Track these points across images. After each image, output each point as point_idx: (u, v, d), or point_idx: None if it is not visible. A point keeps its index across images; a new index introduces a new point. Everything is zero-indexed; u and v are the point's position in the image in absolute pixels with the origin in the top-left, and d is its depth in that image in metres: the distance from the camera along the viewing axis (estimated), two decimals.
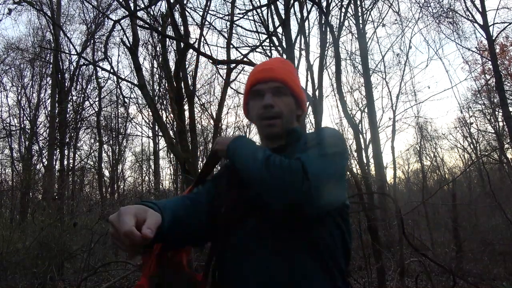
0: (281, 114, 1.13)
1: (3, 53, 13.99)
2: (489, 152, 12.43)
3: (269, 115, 1.12)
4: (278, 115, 1.12)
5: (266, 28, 6.49)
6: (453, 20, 10.70)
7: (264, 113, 1.12)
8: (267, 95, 1.13)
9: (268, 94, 1.13)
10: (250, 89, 1.20)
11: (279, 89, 1.14)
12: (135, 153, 18.92)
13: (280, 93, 1.14)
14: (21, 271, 5.58)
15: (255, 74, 1.20)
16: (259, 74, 1.18)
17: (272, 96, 1.13)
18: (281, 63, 1.24)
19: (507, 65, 14.79)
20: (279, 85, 1.15)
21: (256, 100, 1.16)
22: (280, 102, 1.13)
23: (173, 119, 8.98)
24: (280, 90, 1.14)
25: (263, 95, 1.14)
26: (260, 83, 1.16)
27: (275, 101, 1.12)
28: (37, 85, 14.05)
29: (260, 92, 1.15)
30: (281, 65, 1.21)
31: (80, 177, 14.56)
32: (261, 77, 1.17)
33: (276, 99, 1.13)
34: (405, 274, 4.30)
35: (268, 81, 1.15)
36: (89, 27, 12.99)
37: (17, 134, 13.66)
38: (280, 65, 1.21)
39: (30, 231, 6.16)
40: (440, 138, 16.30)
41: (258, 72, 1.19)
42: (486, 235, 7.20)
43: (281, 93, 1.14)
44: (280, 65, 1.22)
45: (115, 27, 7.39)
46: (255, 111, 1.16)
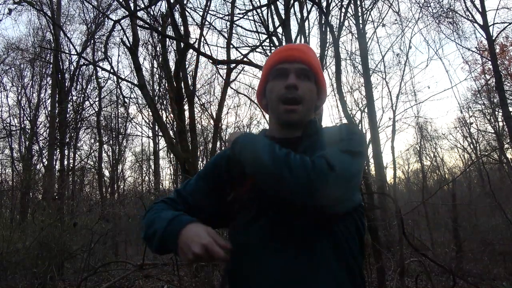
0: (303, 99, 1.04)
1: (3, 53, 14.00)
2: (489, 152, 12.43)
3: (291, 96, 1.03)
4: (300, 99, 1.04)
5: (266, 28, 6.49)
6: (453, 20, 10.71)
7: (286, 94, 1.04)
8: (292, 75, 1.05)
9: (293, 74, 1.05)
10: (272, 68, 1.10)
11: (304, 71, 1.07)
12: (135, 153, 18.95)
13: (305, 76, 1.06)
14: (21, 271, 5.58)
15: (280, 52, 1.11)
16: (286, 52, 1.10)
17: (296, 78, 1.05)
18: (307, 48, 1.16)
19: (507, 65, 14.79)
20: (305, 67, 1.07)
21: (279, 80, 1.07)
22: (304, 86, 1.05)
23: (173, 119, 8.99)
24: (306, 73, 1.07)
25: (287, 74, 1.05)
26: (286, 62, 1.07)
27: (299, 83, 1.04)
28: (37, 85, 14.06)
29: (284, 71, 1.06)
30: (307, 50, 1.13)
31: (80, 177, 14.57)
32: (288, 55, 1.08)
33: (300, 82, 1.05)
34: (405, 274, 4.30)
35: (294, 62, 1.07)
36: (89, 27, 13.01)
37: (17, 134, 13.67)
38: (306, 49, 1.13)
39: (30, 231, 6.16)
40: (440, 138, 16.31)
41: (285, 50, 1.11)
42: (486, 235, 7.19)
43: (306, 76, 1.07)
44: (307, 49, 1.14)
45: (115, 27, 7.41)
46: (275, 92, 1.06)
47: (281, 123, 1.07)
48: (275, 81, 1.07)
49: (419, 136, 14.84)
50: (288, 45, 1.18)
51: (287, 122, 1.05)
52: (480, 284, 5.37)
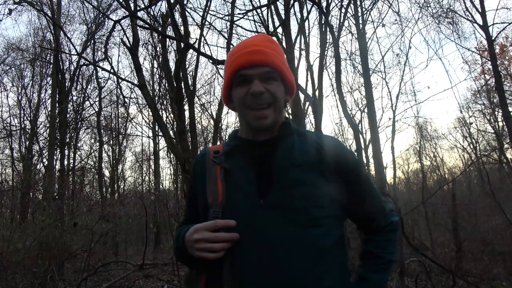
0: (273, 100, 1.01)
1: (4, 53, 14.01)
2: (489, 152, 12.44)
3: (259, 102, 0.99)
4: (269, 103, 1.00)
5: (266, 28, 6.49)
6: (453, 20, 10.68)
7: (253, 100, 0.99)
8: (256, 82, 0.99)
9: (257, 80, 0.99)
10: (234, 74, 1.02)
11: (268, 74, 1.01)
12: (135, 153, 18.96)
13: (270, 78, 1.01)
14: (21, 271, 5.58)
15: (240, 57, 1.02)
16: (246, 57, 1.01)
17: (261, 82, 0.99)
18: (269, 42, 1.07)
19: (507, 65, 14.79)
20: (269, 70, 1.01)
21: (242, 87, 1.01)
22: (270, 88, 1.00)
23: (173, 119, 8.99)
24: (270, 76, 1.01)
25: (251, 81, 1.00)
26: (248, 68, 1.00)
27: (265, 87, 0.99)
28: (38, 85, 14.06)
29: (247, 78, 1.00)
30: (270, 45, 1.05)
31: (80, 177, 14.55)
32: (248, 61, 1.00)
33: (266, 85, 1.00)
34: (405, 274, 4.30)
35: (257, 66, 1.00)
36: (89, 27, 13.00)
37: (17, 134, 13.67)
38: (268, 45, 1.05)
39: (30, 231, 6.15)
40: (440, 138, 16.33)
41: (245, 54, 1.01)
42: (486, 235, 7.19)
43: (271, 78, 1.01)
44: (269, 45, 1.05)
45: (115, 27, 7.40)
46: (241, 99, 1.01)
47: (252, 128, 1.04)
48: (239, 88, 1.02)
49: (419, 136, 14.83)
50: (247, 44, 1.05)
51: (259, 128, 1.02)
52: (480, 284, 5.37)
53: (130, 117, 15.90)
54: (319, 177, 0.99)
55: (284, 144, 1.03)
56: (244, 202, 0.98)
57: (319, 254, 0.93)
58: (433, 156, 15.86)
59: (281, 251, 0.91)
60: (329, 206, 0.98)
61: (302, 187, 0.97)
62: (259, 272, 0.91)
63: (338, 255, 1.00)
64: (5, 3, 8.80)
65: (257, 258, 0.92)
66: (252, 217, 0.95)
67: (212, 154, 1.08)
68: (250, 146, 1.05)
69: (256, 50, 1.01)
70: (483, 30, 9.63)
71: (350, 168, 1.04)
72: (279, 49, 1.07)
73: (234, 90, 1.04)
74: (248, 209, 0.97)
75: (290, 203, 0.95)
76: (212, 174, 1.04)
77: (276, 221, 0.94)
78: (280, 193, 0.96)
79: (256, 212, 0.95)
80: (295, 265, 0.91)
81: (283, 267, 0.90)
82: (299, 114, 7.80)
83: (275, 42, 1.10)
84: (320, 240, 0.94)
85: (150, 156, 17.71)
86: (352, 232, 8.00)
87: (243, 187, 1.00)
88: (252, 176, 1.00)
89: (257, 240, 0.93)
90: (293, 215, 0.94)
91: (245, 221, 0.95)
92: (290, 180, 0.97)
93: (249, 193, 0.98)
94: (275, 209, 0.95)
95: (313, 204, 0.95)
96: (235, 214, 0.95)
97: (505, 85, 12.63)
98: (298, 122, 7.72)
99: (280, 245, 0.92)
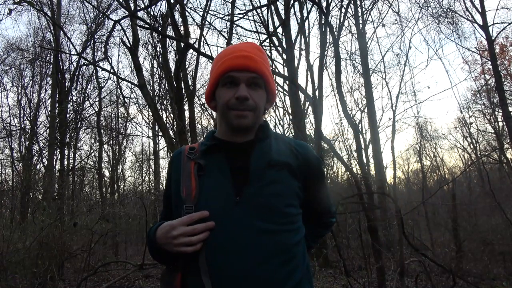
0: (255, 108, 1.05)
1: (4, 53, 14.02)
2: (489, 152, 12.43)
3: (241, 108, 1.03)
4: (251, 109, 1.04)
5: (266, 28, 6.49)
6: (453, 20, 10.70)
7: (237, 104, 1.03)
8: (242, 86, 1.03)
9: (243, 84, 1.04)
10: (221, 75, 1.06)
11: (255, 80, 1.05)
12: (135, 153, 18.97)
13: (256, 85, 1.06)
14: (21, 271, 5.57)
15: (231, 59, 1.06)
16: (237, 60, 1.06)
17: (247, 88, 1.04)
18: (258, 50, 1.12)
19: (507, 65, 14.80)
20: (255, 76, 1.05)
21: (229, 88, 1.05)
22: (254, 95, 1.05)
23: (173, 119, 8.99)
24: (256, 82, 1.06)
25: (238, 84, 1.04)
26: (236, 71, 1.05)
27: (250, 93, 1.04)
28: (37, 85, 14.07)
29: (235, 81, 1.05)
30: (258, 53, 1.10)
31: (80, 177, 14.56)
32: (238, 64, 1.05)
33: (251, 91, 1.04)
34: (405, 274, 4.30)
35: (245, 70, 1.05)
36: (89, 27, 13.00)
37: (17, 134, 13.68)
38: (257, 53, 1.10)
39: (30, 231, 6.15)
40: (440, 138, 16.35)
41: (236, 58, 1.06)
42: (486, 235, 7.18)
43: (256, 85, 1.06)
44: (258, 53, 1.10)
45: (115, 27, 7.41)
46: (225, 100, 1.05)
47: (231, 128, 1.07)
48: (225, 89, 1.06)
49: (419, 136, 14.86)
50: (237, 49, 1.10)
51: (237, 127, 1.05)
52: (480, 284, 5.37)
53: (130, 117, 15.93)
54: (290, 177, 1.05)
55: (261, 145, 1.07)
56: (219, 199, 1.00)
57: (289, 253, 0.98)
58: (433, 156, 15.86)
59: (253, 249, 0.94)
60: (297, 204, 1.05)
61: (276, 187, 1.01)
62: (230, 268, 0.93)
63: (303, 251, 1.05)
64: (5, 3, 8.81)
65: (229, 254, 0.94)
66: (226, 214, 0.97)
67: (188, 151, 1.12)
68: (227, 146, 1.09)
69: (247, 55, 1.06)
70: (483, 30, 9.64)
71: (317, 171, 1.14)
72: (265, 57, 1.13)
73: (219, 90, 1.08)
74: (223, 206, 0.99)
75: (265, 201, 0.99)
76: (186, 169, 1.07)
77: (251, 218, 0.96)
78: (255, 191, 1.00)
79: (231, 209, 0.98)
80: (265, 265, 0.93)
81: (253, 265, 0.93)
82: (299, 114, 7.81)
83: (263, 50, 1.15)
84: (291, 238, 1.00)
85: (150, 156, 17.74)
86: (352, 232, 8.01)
87: (218, 185, 1.02)
88: (228, 174, 1.03)
89: (230, 236, 0.95)
90: (267, 214, 0.98)
91: (219, 217, 0.97)
92: (266, 179, 1.01)
93: (225, 191, 1.01)
94: (250, 207, 0.98)
95: (286, 203, 1.01)
96: (209, 210, 0.98)
97: (505, 85, 12.64)
98: (298, 122, 7.72)
99: (253, 243, 0.95)
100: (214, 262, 0.94)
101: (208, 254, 0.95)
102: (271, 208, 0.99)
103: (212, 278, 0.93)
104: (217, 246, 0.95)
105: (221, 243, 0.95)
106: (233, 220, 0.97)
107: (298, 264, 1.00)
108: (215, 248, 0.95)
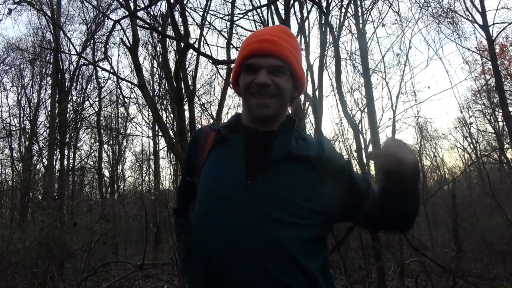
0: (279, 93, 0.98)
1: (3, 53, 14.01)
2: (489, 152, 12.43)
3: (263, 93, 0.96)
4: (274, 94, 0.97)
5: None
6: (453, 20, 10.69)
7: (258, 92, 0.97)
8: (262, 72, 0.96)
9: (264, 70, 0.96)
10: (243, 60, 1.00)
11: (277, 67, 0.97)
12: (135, 153, 18.97)
13: (279, 72, 0.97)
14: (21, 271, 5.58)
15: (253, 43, 0.99)
16: (257, 44, 0.98)
17: (268, 73, 0.96)
18: (284, 34, 1.02)
19: (507, 65, 14.79)
20: (278, 64, 0.97)
21: (249, 74, 0.98)
22: (277, 81, 0.97)
23: (173, 119, 8.98)
24: (280, 69, 0.97)
25: (258, 70, 0.97)
26: (257, 56, 0.97)
27: (272, 78, 0.96)
28: (37, 85, 14.07)
29: (254, 67, 0.97)
30: (284, 37, 1.01)
31: (80, 177, 14.56)
32: (258, 49, 0.97)
33: (273, 77, 0.96)
34: (405, 274, 4.30)
35: (267, 55, 0.96)
36: (89, 27, 12.98)
37: (17, 134, 13.67)
38: (283, 37, 1.00)
39: (30, 231, 6.15)
40: (440, 138, 16.33)
41: (257, 42, 0.98)
42: (486, 235, 7.19)
43: (280, 72, 0.98)
44: (284, 36, 1.01)
45: (115, 27, 7.40)
46: (246, 85, 0.99)
47: (252, 117, 1.01)
48: (245, 75, 0.99)
49: (419, 136, 14.85)
50: (261, 33, 1.02)
51: (258, 116, 0.99)
52: (480, 284, 5.37)
53: (130, 117, 15.90)
54: (310, 171, 0.97)
55: (282, 138, 1.00)
56: (228, 180, 0.95)
57: (297, 247, 0.89)
58: (433, 156, 15.88)
59: (259, 236, 0.87)
60: (316, 201, 0.94)
61: (292, 177, 0.94)
62: (226, 253, 0.88)
63: (316, 251, 0.95)
64: (5, 3, 8.80)
65: (228, 237, 0.89)
66: (236, 197, 0.92)
67: (211, 124, 1.14)
68: (248, 132, 1.02)
69: (269, 39, 0.97)
70: (483, 30, 9.63)
71: (342, 163, 1.03)
72: (294, 42, 1.03)
73: (241, 76, 1.02)
74: (232, 188, 0.93)
75: (278, 190, 0.92)
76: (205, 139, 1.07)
77: (260, 205, 0.90)
78: (269, 179, 0.93)
79: (241, 192, 0.92)
80: (270, 254, 0.87)
81: (251, 255, 0.87)
82: (299, 114, 7.81)
83: (293, 35, 1.05)
84: (302, 233, 0.90)
85: (150, 156, 17.72)
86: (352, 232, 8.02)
87: (232, 164, 0.97)
88: (242, 157, 0.97)
89: (236, 220, 0.89)
90: (278, 203, 0.91)
91: (227, 200, 0.92)
92: (282, 169, 0.95)
93: (236, 172, 0.95)
94: (261, 194, 0.92)
95: (300, 196, 0.93)
96: (217, 187, 0.95)
97: (505, 85, 12.63)
98: (298, 122, 7.73)
99: (260, 230, 0.88)
100: (214, 244, 0.90)
101: (209, 235, 0.91)
102: (283, 198, 0.92)
103: (208, 261, 0.91)
104: (221, 230, 0.90)
105: (226, 227, 0.90)
106: (242, 203, 0.91)
107: (307, 262, 0.91)
108: (214, 228, 0.91)
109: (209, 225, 0.93)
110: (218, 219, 0.91)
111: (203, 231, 0.94)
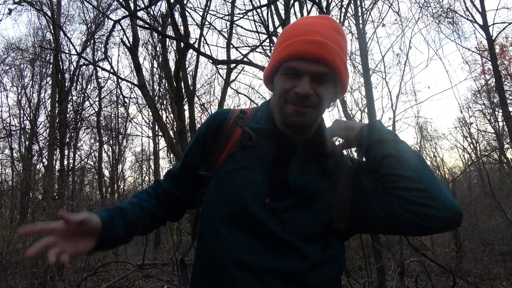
0: (318, 105, 0.87)
1: (3, 53, 14.01)
2: (489, 152, 12.43)
3: (302, 104, 0.86)
4: (314, 106, 0.87)
5: (266, 28, 6.48)
6: (453, 20, 10.69)
7: (296, 101, 0.86)
8: (305, 79, 0.84)
9: (307, 77, 0.84)
10: (283, 60, 0.87)
11: (323, 75, 0.85)
12: (135, 153, 18.96)
13: (323, 80, 0.86)
14: (21, 271, 5.57)
15: (298, 44, 0.85)
16: (306, 46, 0.84)
17: (311, 81, 0.85)
18: (335, 32, 0.88)
19: (507, 65, 14.80)
20: (326, 71, 0.85)
21: (289, 79, 0.87)
22: (320, 90, 0.86)
23: (173, 119, 8.98)
24: (324, 78, 0.86)
25: (300, 76, 0.85)
26: (302, 60, 0.84)
27: (314, 88, 0.85)
28: (37, 85, 14.06)
29: (297, 72, 0.86)
30: (335, 37, 0.87)
31: (80, 177, 14.55)
32: (308, 52, 0.84)
33: (316, 86, 0.85)
34: (405, 274, 4.30)
35: (313, 61, 0.84)
36: (89, 27, 12.99)
37: (17, 134, 13.67)
38: (334, 38, 0.87)
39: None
40: (440, 138, 16.36)
41: (304, 43, 0.84)
42: (486, 235, 7.19)
43: (324, 80, 0.86)
44: (334, 36, 0.87)
45: (115, 27, 7.39)
46: (283, 92, 0.88)
47: (285, 122, 0.92)
48: (284, 78, 0.88)
49: (419, 136, 14.86)
50: (309, 29, 0.86)
51: (293, 124, 0.90)
52: (480, 284, 5.37)
53: (130, 117, 15.89)
54: (332, 187, 0.91)
55: (311, 149, 0.93)
56: (252, 190, 0.88)
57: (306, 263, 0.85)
58: (433, 156, 15.89)
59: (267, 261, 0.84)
60: (336, 220, 0.89)
61: (313, 199, 0.89)
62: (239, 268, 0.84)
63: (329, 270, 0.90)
64: (5, 3, 8.80)
65: (236, 247, 0.85)
66: (252, 213, 0.86)
67: (238, 113, 0.99)
68: (278, 136, 0.93)
69: (318, 41, 0.84)
70: (483, 30, 9.63)
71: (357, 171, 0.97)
72: (344, 41, 0.90)
73: (278, 76, 0.91)
74: (253, 200, 0.87)
75: (295, 216, 0.87)
76: (228, 133, 0.96)
77: (272, 226, 0.85)
78: (287, 201, 0.88)
79: (258, 209, 0.86)
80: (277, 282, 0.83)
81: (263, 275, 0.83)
82: None
83: (343, 33, 0.91)
84: (313, 254, 0.86)
85: (150, 156, 17.71)
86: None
87: (256, 172, 0.90)
88: (269, 167, 0.90)
89: (246, 238, 0.85)
90: (291, 230, 0.86)
91: (243, 215, 0.86)
92: (303, 190, 0.89)
93: (259, 186, 0.89)
94: (277, 217, 0.86)
95: (317, 220, 0.88)
96: (239, 196, 0.88)
97: (505, 85, 12.63)
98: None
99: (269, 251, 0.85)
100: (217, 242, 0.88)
101: (227, 245, 0.86)
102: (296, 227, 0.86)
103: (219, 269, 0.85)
104: (237, 245, 0.85)
105: (236, 243, 0.86)
106: (255, 221, 0.85)
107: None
108: (221, 232, 0.87)
109: (225, 233, 0.87)
110: (235, 231, 0.87)
111: (220, 241, 0.88)
